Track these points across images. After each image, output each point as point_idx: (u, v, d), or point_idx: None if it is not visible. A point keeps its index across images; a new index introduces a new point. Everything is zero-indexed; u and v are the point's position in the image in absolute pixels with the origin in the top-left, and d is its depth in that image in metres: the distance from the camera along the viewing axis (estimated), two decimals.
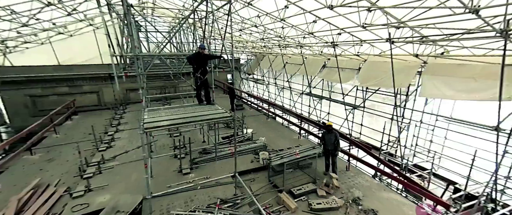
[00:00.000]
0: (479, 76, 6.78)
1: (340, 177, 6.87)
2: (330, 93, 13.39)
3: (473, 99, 6.75)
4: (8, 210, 5.19)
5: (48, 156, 8.40)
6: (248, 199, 5.61)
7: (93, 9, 11.03)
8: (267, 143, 8.90)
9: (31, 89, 12.93)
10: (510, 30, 4.92)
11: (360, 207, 5.59)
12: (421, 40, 7.20)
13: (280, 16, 8.97)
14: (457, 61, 7.48)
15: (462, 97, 7.10)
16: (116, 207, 5.03)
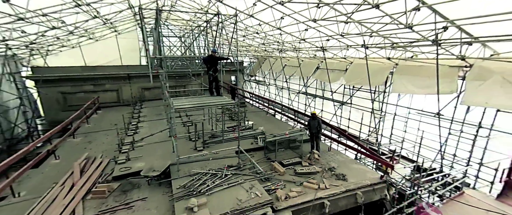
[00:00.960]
0: (432, 75, 8.55)
1: (322, 155, 8.63)
2: (323, 92, 15.18)
3: (427, 93, 8.51)
4: (75, 169, 7.09)
5: (87, 140, 10.34)
6: (249, 165, 7.42)
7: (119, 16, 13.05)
8: (265, 131, 10.72)
9: (63, 87, 14.96)
10: (440, 40, 6.74)
11: (333, 172, 7.36)
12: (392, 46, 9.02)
13: (277, 25, 10.86)
14: (418, 63, 9.26)
15: (420, 92, 8.87)
16: (152, 168, 6.87)
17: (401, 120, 10.88)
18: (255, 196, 5.87)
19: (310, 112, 9.02)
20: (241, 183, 6.43)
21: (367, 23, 7.68)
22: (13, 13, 6.81)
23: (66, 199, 5.92)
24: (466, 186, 7.96)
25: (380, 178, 7.11)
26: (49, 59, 14.27)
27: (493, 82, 6.61)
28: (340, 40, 10.50)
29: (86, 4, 8.37)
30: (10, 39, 8.58)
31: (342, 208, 6.57)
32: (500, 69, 6.64)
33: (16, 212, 5.57)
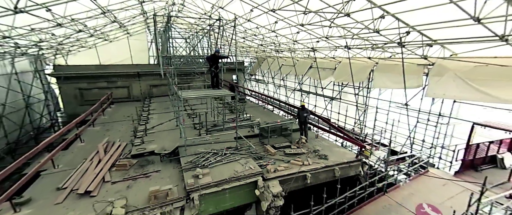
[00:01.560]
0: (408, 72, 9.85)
1: (309, 141, 9.97)
2: (316, 89, 16.53)
3: (400, 88, 9.82)
4: (100, 149, 8.55)
5: (105, 128, 11.81)
6: (245, 147, 8.80)
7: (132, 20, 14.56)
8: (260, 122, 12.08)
9: (80, 84, 16.51)
10: (404, 43, 8.08)
11: (316, 153, 8.70)
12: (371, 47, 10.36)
13: (272, 28, 12.25)
14: (394, 62, 10.57)
15: (395, 86, 10.18)
16: (164, 148, 8.28)
17: (382, 113, 12.18)
18: (249, 169, 7.23)
19: (300, 104, 10.38)
20: (237, 160, 7.81)
21: (347, 27, 9.04)
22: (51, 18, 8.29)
23: (96, 169, 7.35)
24: (431, 166, 9.24)
25: (356, 157, 8.44)
26: (69, 58, 15.83)
27: (447, 77, 7.92)
28: (329, 41, 11.86)
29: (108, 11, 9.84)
30: (44, 41, 10.09)
31: (322, 180, 7.91)
32: (453, 67, 7.94)
33: (58, 178, 7.01)
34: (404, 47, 8.12)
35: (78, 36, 12.57)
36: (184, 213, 6.00)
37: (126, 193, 6.24)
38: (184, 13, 14.17)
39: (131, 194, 6.24)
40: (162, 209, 5.81)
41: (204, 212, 6.28)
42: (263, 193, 6.59)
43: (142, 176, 7.20)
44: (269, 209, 6.62)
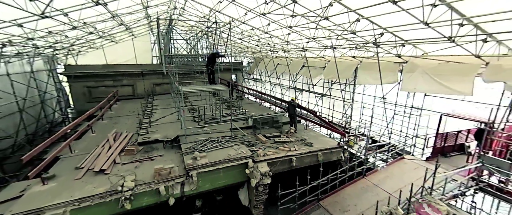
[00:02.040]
0: (384, 69, 10.86)
1: (299, 132, 10.99)
2: (309, 86, 17.55)
3: (379, 84, 10.83)
4: (110, 138, 9.64)
5: (113, 122, 12.90)
6: (240, 136, 9.85)
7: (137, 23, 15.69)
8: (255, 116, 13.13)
9: (88, 82, 17.66)
10: (379, 43, 9.11)
11: (303, 142, 9.73)
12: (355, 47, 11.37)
13: (265, 30, 13.31)
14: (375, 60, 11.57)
15: (376, 82, 11.18)
16: (166, 136, 9.35)
17: (368, 107, 13.18)
18: (241, 153, 8.27)
19: (289, 98, 11.42)
20: (231, 146, 8.85)
21: (331, 29, 10.08)
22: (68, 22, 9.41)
23: (108, 153, 8.44)
24: (407, 153, 10.23)
25: (338, 144, 9.46)
26: (78, 59, 17.00)
27: (417, 73, 8.93)
28: (317, 42, 12.90)
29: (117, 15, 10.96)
30: (58, 42, 11.23)
31: (306, 164, 8.93)
32: (422, 64, 8.95)
33: (75, 161, 8.09)
34: (379, 46, 9.14)
35: (88, 37, 13.72)
36: (184, 188, 7.06)
37: (135, 171, 7.31)
38: (185, 16, 15.29)
39: (139, 172, 7.30)
40: (165, 183, 6.87)
41: (201, 188, 7.33)
42: (253, 172, 7.63)
43: (147, 159, 8.27)
44: (258, 186, 7.66)
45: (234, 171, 7.75)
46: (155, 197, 6.70)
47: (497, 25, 6.30)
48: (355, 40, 9.95)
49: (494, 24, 6.24)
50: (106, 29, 13.52)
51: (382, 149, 9.99)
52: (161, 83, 20.25)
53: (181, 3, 13.43)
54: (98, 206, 6.08)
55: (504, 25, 6.18)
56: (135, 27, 16.35)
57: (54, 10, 7.80)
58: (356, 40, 9.91)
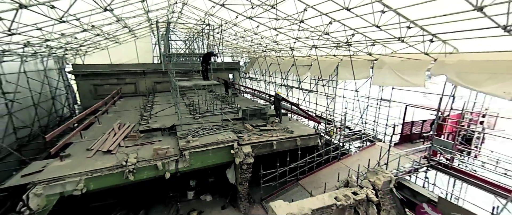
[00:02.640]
0: (360, 66, 12.12)
1: (283, 123, 12.25)
2: (299, 83, 18.81)
3: (355, 79, 12.08)
4: (115, 127, 10.97)
5: (117, 115, 14.24)
6: (229, 125, 11.13)
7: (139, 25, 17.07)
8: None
9: (94, 80, 19.06)
10: (351, 43, 10.38)
11: (285, 130, 10.99)
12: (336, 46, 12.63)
13: (255, 31, 14.61)
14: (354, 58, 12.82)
15: (352, 78, 12.42)
16: (164, 125, 10.65)
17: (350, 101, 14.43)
18: (228, 138, 9.55)
19: (275, 92, 12.70)
20: (221, 132, 10.14)
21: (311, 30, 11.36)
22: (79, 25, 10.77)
23: (113, 139, 9.76)
24: (379, 140, 11.45)
25: (315, 132, 10.71)
26: (85, 59, 18.40)
27: (384, 69, 10.18)
28: (302, 42, 14.19)
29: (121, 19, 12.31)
30: (69, 43, 12.61)
31: (286, 148, 10.17)
32: (389, 61, 10.20)
33: (86, 145, 9.40)
34: (351, 45, 10.40)
35: (94, 39, 15.10)
36: (178, 165, 8.35)
37: (137, 152, 8.61)
38: (183, 18, 16.66)
39: (140, 152, 8.60)
40: (162, 161, 8.17)
41: (193, 166, 8.61)
42: (237, 153, 8.91)
43: (147, 143, 9.57)
44: (242, 165, 8.94)
45: (221, 152, 9.03)
46: (153, 171, 7.99)
47: (440, 27, 7.55)
48: (331, 40, 11.21)
49: (438, 26, 7.48)
50: (111, 31, 14.89)
51: (355, 136, 11.23)
52: (162, 81, 21.62)
53: (179, 7, 14.78)
54: (107, 177, 7.39)
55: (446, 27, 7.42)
56: (137, 29, 17.72)
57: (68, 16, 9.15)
58: (332, 40, 11.18)
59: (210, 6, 12.50)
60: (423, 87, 8.84)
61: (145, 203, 9.66)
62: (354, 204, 6.63)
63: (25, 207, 5.94)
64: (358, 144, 11.72)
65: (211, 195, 10.43)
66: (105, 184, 7.34)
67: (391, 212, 7.39)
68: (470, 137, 9.70)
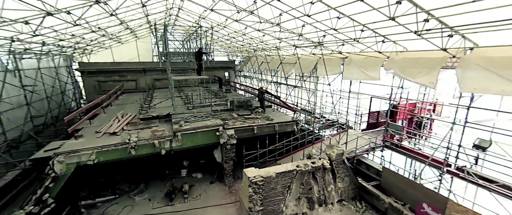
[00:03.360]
0: (335, 63, 13.75)
1: (267, 113, 13.89)
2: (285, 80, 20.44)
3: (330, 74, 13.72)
4: (118, 116, 12.64)
5: (120, 107, 15.92)
6: (218, 113, 12.78)
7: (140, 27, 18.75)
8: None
9: (98, 77, 20.74)
10: (323, 43, 12.02)
11: (266, 118, 12.64)
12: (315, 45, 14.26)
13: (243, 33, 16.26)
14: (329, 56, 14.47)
15: (330, 74, 14.07)
16: (160, 114, 12.32)
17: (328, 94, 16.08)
18: (215, 123, 11.20)
19: (259, 86, 14.35)
20: (209, 119, 11.80)
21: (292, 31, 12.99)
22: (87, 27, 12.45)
23: (118, 124, 11.42)
24: (350, 128, 13.10)
25: (291, 119, 12.36)
26: (90, 57, 20.10)
27: (352, 65, 11.82)
28: (287, 42, 15.83)
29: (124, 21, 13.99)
30: (78, 43, 14.29)
31: (266, 132, 11.80)
32: (355, 59, 11.85)
33: (95, 129, 11.06)
34: (322, 45, 12.06)
35: (100, 39, 16.79)
36: (172, 144, 10.01)
37: (138, 134, 10.27)
38: (180, 21, 18.34)
39: (140, 134, 10.25)
40: (158, 140, 9.82)
41: (185, 145, 10.26)
42: (222, 134, 10.57)
43: (147, 128, 11.21)
44: (226, 145, 10.59)
45: (209, 134, 10.68)
46: (151, 149, 9.65)
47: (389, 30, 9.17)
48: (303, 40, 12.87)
49: (386, 29, 9.11)
50: (115, 32, 16.58)
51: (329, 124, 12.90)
52: (161, 79, 23.30)
53: (175, 10, 16.45)
54: (113, 151, 9.05)
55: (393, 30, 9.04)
56: (138, 31, 19.41)
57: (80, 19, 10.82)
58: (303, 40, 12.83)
59: (202, 10, 14.18)
60: (378, 80, 10.48)
61: (145, 178, 11.31)
62: (311, 170, 8.28)
63: (51, 171, 7.61)
64: (331, 131, 13.36)
65: (201, 173, 12.08)
66: (112, 157, 9.01)
67: (345, 179, 9.04)
68: (420, 122, 11.31)
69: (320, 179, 8.64)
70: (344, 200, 9.20)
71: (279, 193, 8.04)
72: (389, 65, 9.94)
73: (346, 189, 9.18)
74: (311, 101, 16.26)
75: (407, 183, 8.14)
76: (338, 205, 9.01)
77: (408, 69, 9.00)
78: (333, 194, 8.92)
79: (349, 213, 8.72)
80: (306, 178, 8.41)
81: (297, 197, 8.44)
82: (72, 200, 9.29)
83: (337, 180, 8.94)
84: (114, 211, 9.08)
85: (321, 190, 8.74)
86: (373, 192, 8.71)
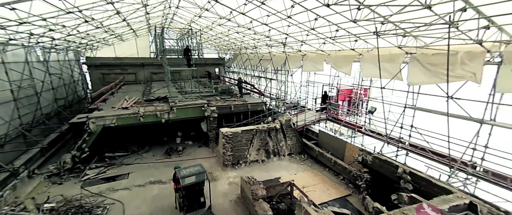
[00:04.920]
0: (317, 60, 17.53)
1: (244, 97, 17.62)
2: (264, 73, 24.23)
3: (293, 68, 17.57)
4: (126, 97, 16.10)
5: (124, 95, 19.31)
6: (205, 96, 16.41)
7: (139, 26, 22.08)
8: None
9: (102, 70, 23.94)
10: (286, 43, 15.85)
11: (242, 100, 16.35)
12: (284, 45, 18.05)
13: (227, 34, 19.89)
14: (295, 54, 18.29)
15: (294, 67, 17.90)
16: (160, 95, 15.85)
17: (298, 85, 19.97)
18: (201, 102, 14.83)
19: (239, 77, 18.09)
20: (198, 100, 15.42)
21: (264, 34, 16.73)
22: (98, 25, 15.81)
23: (127, 103, 14.90)
24: (308, 109, 17.00)
25: (261, 101, 16.13)
26: (95, 52, 23.31)
27: (308, 60, 15.66)
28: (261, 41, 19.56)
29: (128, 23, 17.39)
30: (85, 39, 17.61)
31: (241, 110, 15.50)
32: (310, 56, 15.70)
33: (110, 105, 14.51)
34: (285, 45, 15.87)
35: (104, 36, 20.08)
36: (170, 115, 13.58)
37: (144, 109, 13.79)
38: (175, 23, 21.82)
39: (146, 109, 13.80)
40: (159, 112, 13.39)
41: (178, 116, 13.84)
42: (206, 109, 14.22)
43: (150, 106, 14.77)
44: (210, 117, 14.25)
45: (196, 109, 14.31)
46: (154, 118, 13.20)
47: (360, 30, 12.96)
48: (274, 40, 16.66)
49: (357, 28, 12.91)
50: (117, 30, 19.91)
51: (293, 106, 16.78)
52: (157, 72, 26.66)
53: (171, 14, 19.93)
54: (128, 118, 12.56)
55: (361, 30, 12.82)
56: (138, 30, 22.73)
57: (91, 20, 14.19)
58: (275, 40, 16.62)
59: (192, 16, 17.76)
60: (322, 70, 14.40)
61: (148, 143, 14.84)
62: (267, 130, 12.06)
63: (88, 128, 11.10)
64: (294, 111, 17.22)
65: (191, 141, 15.71)
66: (127, 122, 12.53)
67: (293, 138, 12.87)
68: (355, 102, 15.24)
69: (274, 137, 12.45)
70: (293, 154, 13.05)
71: (244, 145, 11.78)
72: (328, 60, 13.84)
73: (294, 145, 13.03)
74: (281, 90, 20.13)
75: (331, 138, 12.07)
76: (288, 157, 12.84)
77: (337, 63, 12.91)
78: (284, 149, 12.75)
79: (295, 162, 12.55)
80: (263, 136, 12.19)
81: (257, 148, 12.20)
82: (98, 153, 12.76)
83: (287, 139, 12.77)
84: (128, 161, 12.60)
85: (275, 145, 12.55)
86: (311, 146, 12.59)
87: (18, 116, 11.75)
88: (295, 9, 10.93)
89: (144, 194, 9.52)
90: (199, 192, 7.77)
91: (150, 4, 14.75)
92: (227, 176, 10.99)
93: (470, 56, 7.50)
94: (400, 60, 9.67)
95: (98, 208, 8.35)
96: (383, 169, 8.36)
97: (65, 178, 10.42)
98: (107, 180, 10.57)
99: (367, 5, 8.25)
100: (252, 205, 7.65)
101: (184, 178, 7.20)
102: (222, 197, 9.39)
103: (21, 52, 13.03)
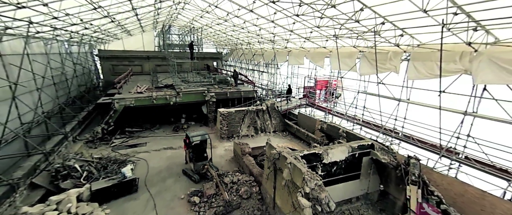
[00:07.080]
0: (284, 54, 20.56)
1: (239, 86, 20.62)
2: (257, 66, 27.19)
3: (280, 62, 20.59)
4: (139, 84, 19.01)
5: (134, 83, 22.17)
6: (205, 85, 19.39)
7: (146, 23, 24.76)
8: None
9: (112, 62, 26.64)
10: (274, 41, 18.84)
11: (237, 88, 19.37)
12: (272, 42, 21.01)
13: (224, 31, 22.74)
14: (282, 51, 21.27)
15: (281, 61, 20.91)
16: (167, 83, 18.81)
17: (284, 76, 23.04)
18: (202, 89, 17.81)
19: (234, 69, 21.06)
20: (199, 87, 18.40)
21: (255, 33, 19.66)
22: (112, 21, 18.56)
23: (141, 88, 17.82)
24: (293, 97, 20.11)
25: (252, 89, 19.17)
26: (106, 46, 25.99)
27: (292, 56, 18.69)
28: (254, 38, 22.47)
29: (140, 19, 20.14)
30: (98, 32, 20.36)
31: (235, 97, 18.57)
32: (294, 52, 18.73)
33: (127, 90, 17.42)
34: (274, 43, 18.83)
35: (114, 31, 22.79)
36: (176, 99, 16.58)
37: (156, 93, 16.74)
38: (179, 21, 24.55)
39: (157, 94, 16.75)
40: (168, 96, 16.35)
41: (184, 100, 16.83)
42: (206, 95, 17.24)
43: (159, 91, 17.73)
44: (209, 101, 17.28)
45: (198, 95, 17.32)
46: (164, 101, 16.18)
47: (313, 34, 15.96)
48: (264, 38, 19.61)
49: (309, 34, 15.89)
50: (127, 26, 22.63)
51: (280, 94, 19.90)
52: (161, 64, 29.41)
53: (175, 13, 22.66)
54: (143, 100, 15.53)
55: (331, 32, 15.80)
56: (145, 26, 25.42)
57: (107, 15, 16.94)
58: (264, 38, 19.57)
59: (194, 15, 20.58)
60: (322, 67, 17.48)
61: (159, 122, 17.88)
62: (255, 111, 15.17)
63: (113, 106, 14.08)
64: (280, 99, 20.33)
65: (194, 122, 18.78)
66: (143, 103, 15.52)
67: (276, 119, 16.01)
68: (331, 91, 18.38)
69: (261, 117, 15.57)
70: (277, 131, 16.20)
71: (237, 122, 14.87)
72: (308, 55, 16.90)
73: (277, 124, 16.18)
74: (271, 81, 23.21)
75: (306, 118, 15.24)
76: (273, 134, 15.99)
77: (314, 58, 15.99)
78: (269, 127, 15.90)
79: (278, 137, 15.70)
80: (253, 115, 15.29)
81: (248, 126, 15.32)
82: (120, 128, 15.78)
83: (272, 119, 15.90)
84: (143, 134, 15.65)
85: (262, 123, 15.67)
86: (291, 125, 15.76)
87: (56, 97, 14.65)
88: (277, 15, 13.88)
89: (160, 155, 12.62)
90: (203, 149, 10.86)
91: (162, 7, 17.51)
92: (223, 145, 14.11)
93: (395, 54, 10.63)
94: (354, 57, 12.77)
95: (128, 163, 11.42)
96: (332, 132, 11.61)
97: (98, 144, 13.44)
98: (130, 146, 13.62)
99: (327, 16, 11.27)
100: (241, 158, 10.79)
101: (193, 137, 10.27)
102: (219, 158, 12.52)
103: (55, 45, 15.84)
